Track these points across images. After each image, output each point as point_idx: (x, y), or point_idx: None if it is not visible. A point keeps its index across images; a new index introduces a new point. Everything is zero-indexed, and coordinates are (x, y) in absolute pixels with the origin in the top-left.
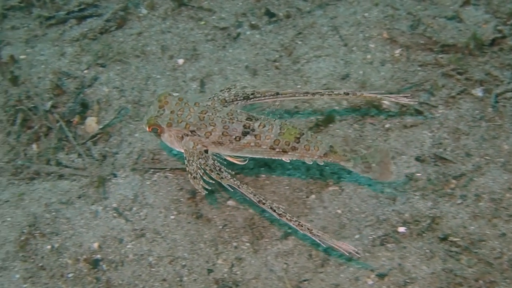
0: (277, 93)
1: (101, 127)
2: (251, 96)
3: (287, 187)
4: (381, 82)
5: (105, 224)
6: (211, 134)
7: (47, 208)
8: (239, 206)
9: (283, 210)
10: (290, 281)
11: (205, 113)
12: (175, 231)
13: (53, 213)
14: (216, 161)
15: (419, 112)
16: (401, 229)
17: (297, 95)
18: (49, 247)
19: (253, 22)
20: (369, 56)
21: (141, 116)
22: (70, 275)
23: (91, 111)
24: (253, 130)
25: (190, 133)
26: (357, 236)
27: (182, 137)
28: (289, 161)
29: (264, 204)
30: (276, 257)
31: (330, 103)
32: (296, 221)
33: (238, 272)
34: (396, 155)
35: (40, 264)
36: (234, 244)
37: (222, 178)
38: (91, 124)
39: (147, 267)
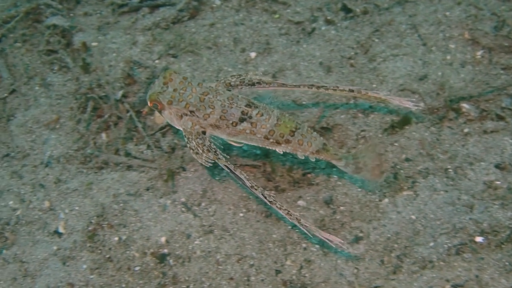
0: (283, 84)
1: None
2: (256, 84)
3: (360, 190)
4: (460, 84)
5: (173, 219)
6: (209, 116)
7: (115, 199)
8: (310, 207)
9: (273, 198)
10: (360, 287)
11: (206, 95)
12: (244, 229)
13: (121, 205)
14: (212, 144)
15: (500, 118)
16: (479, 239)
17: (301, 86)
18: (116, 238)
19: (328, 17)
20: (449, 57)
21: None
22: (137, 268)
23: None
24: (250, 117)
25: (189, 113)
26: (431, 244)
27: (182, 116)
28: (282, 152)
29: (256, 190)
30: (346, 261)
31: None
32: (285, 209)
33: (306, 275)
34: (474, 161)
35: (107, 256)
36: (304, 245)
37: (218, 159)
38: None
39: (214, 264)
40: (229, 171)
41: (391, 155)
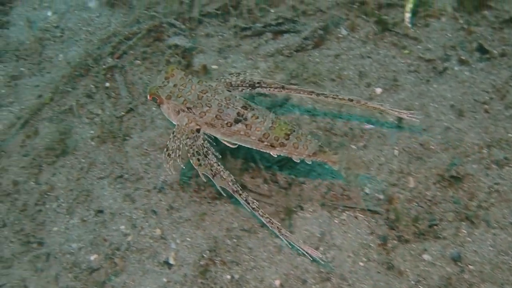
0: (283, 87)
1: None
2: (257, 85)
3: (491, 248)
4: None
5: (289, 261)
6: (205, 114)
7: (228, 233)
8: (435, 262)
9: (257, 205)
10: None
11: (205, 93)
12: (364, 280)
13: (235, 240)
14: (206, 141)
15: None
16: None
17: (302, 92)
18: (229, 277)
19: (462, 57)
20: None
21: (333, 146)
22: None
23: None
24: (245, 119)
25: (186, 109)
26: None
27: (179, 112)
28: (276, 156)
29: (240, 195)
30: None
31: None
32: (267, 217)
33: None
34: None
35: None
36: None
37: (200, 165)
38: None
39: None
40: (207, 179)
41: None
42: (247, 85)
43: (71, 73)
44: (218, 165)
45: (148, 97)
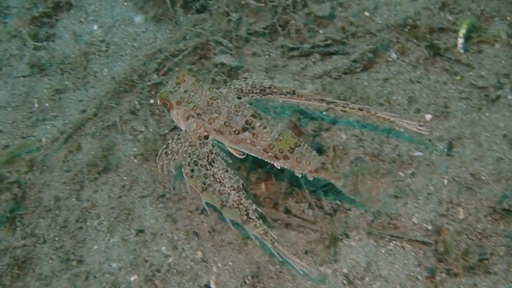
0: (294, 92)
1: None
2: (267, 90)
3: None
4: None
5: None
6: (214, 121)
7: (271, 259)
8: None
9: (256, 216)
10: None
11: (215, 100)
12: None
13: (278, 266)
14: (216, 147)
15: None
16: None
17: (312, 100)
18: None
19: None
20: None
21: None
22: None
23: (326, 157)
24: (253, 127)
25: (195, 115)
26: None
27: (188, 117)
28: (279, 167)
29: (240, 204)
30: None
31: None
32: (264, 229)
33: None
34: None
35: None
36: None
37: (191, 176)
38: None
39: None
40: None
41: None
42: (258, 90)
43: (116, 89)
44: (226, 171)
45: (158, 102)
